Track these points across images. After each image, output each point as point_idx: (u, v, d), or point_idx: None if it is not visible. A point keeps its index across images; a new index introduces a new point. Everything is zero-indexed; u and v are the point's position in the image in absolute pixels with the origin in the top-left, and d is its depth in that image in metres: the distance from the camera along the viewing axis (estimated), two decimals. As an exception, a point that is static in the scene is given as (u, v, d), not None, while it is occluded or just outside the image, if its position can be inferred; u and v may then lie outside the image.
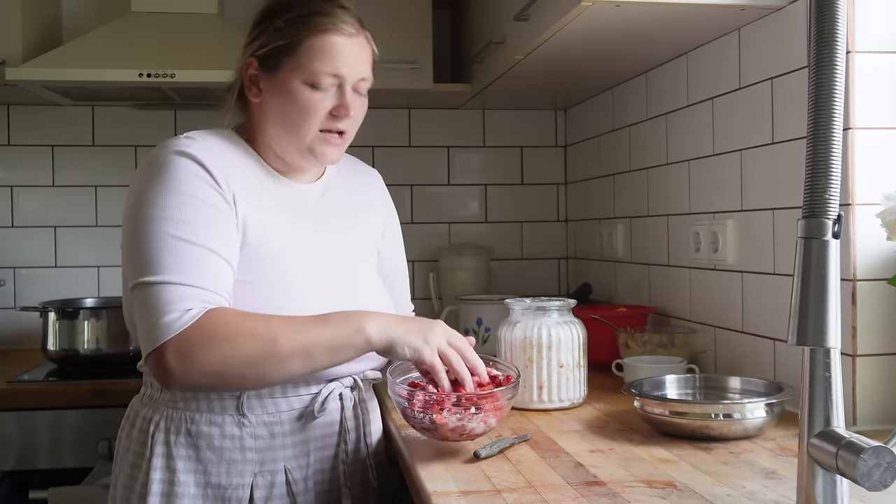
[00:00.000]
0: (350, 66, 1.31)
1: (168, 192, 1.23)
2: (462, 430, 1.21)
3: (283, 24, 1.30)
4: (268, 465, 1.30)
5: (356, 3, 1.36)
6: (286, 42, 1.30)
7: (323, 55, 1.29)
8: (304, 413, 1.33)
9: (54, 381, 2.10)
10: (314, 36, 1.29)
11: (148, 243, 1.20)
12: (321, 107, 1.31)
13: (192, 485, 1.28)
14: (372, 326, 1.22)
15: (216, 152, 1.30)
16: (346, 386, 1.38)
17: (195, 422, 1.29)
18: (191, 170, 1.25)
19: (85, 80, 2.19)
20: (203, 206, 1.24)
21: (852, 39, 1.36)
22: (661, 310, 2.07)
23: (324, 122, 1.32)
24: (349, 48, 1.31)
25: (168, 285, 1.18)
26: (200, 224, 1.22)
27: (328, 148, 1.34)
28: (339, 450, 1.36)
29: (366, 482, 1.39)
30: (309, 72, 1.29)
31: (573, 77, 2.24)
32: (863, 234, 1.36)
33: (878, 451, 0.80)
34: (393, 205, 1.62)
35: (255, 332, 1.18)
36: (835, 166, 0.85)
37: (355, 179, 1.53)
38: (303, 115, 1.31)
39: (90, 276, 2.64)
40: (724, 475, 1.12)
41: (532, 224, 2.88)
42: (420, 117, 2.79)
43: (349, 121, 1.34)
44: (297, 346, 1.18)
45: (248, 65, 1.34)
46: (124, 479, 1.33)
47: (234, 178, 1.29)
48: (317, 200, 1.43)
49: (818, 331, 0.85)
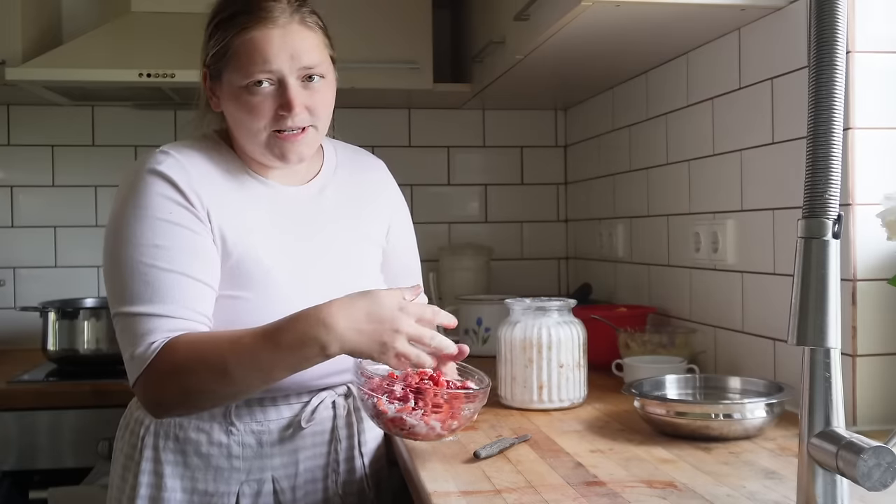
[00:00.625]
0: (283, 59, 1.23)
1: (140, 215, 1.22)
2: (401, 423, 1.17)
3: (214, 30, 1.27)
4: (255, 474, 1.29)
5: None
6: (217, 49, 1.26)
7: (250, 54, 1.22)
8: (292, 422, 1.31)
9: (54, 381, 2.11)
10: (238, 37, 1.23)
11: (120, 271, 1.21)
12: (263, 108, 1.24)
13: (178, 490, 1.27)
14: (324, 338, 1.12)
15: (191, 167, 1.26)
16: (339, 394, 1.35)
17: (183, 428, 1.28)
18: (162, 191, 1.23)
19: (85, 80, 2.19)
20: (176, 229, 1.22)
21: (852, 39, 1.36)
22: (661, 310, 2.07)
23: (274, 123, 1.25)
24: (279, 40, 1.22)
25: (137, 317, 1.19)
26: (173, 248, 1.21)
27: (288, 146, 1.26)
28: (330, 459, 1.34)
29: (361, 492, 1.37)
30: (242, 74, 1.23)
31: (573, 77, 2.24)
32: (863, 234, 1.36)
33: (878, 451, 0.80)
34: (400, 195, 1.54)
35: (206, 363, 1.16)
36: (835, 166, 0.85)
37: (356, 172, 1.47)
38: (250, 119, 1.25)
39: (90, 276, 2.64)
40: (724, 475, 1.12)
41: (532, 224, 2.88)
42: (420, 117, 2.79)
43: (304, 115, 1.26)
44: (248, 371, 1.15)
45: (204, 75, 1.32)
46: (117, 480, 1.33)
47: (210, 193, 1.26)
48: (310, 201, 1.38)
49: (818, 331, 0.85)
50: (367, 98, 2.53)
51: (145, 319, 1.18)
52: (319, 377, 1.29)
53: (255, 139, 1.28)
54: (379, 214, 1.47)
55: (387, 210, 1.49)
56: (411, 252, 1.54)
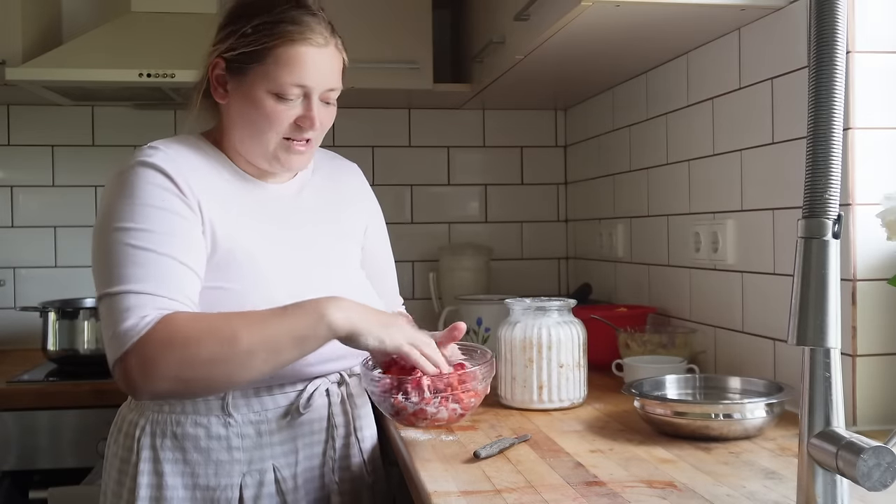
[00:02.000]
0: (317, 78, 1.29)
1: (130, 203, 1.22)
2: (424, 414, 1.20)
3: (252, 30, 1.28)
4: (256, 465, 1.30)
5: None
6: (253, 49, 1.28)
7: (290, 66, 1.27)
8: (289, 410, 1.32)
9: (54, 381, 2.10)
10: (282, 46, 1.27)
11: (109, 255, 1.20)
12: (286, 116, 1.29)
13: (180, 487, 1.27)
14: (334, 315, 1.17)
15: (181, 160, 1.28)
16: (332, 382, 1.37)
17: (181, 424, 1.28)
18: (153, 180, 1.24)
19: (85, 80, 2.19)
20: (166, 214, 1.22)
21: (852, 39, 1.36)
22: (661, 310, 2.07)
23: (288, 131, 1.31)
24: (317, 59, 1.29)
25: (126, 294, 1.16)
26: (163, 233, 1.21)
27: (293, 156, 1.33)
28: (328, 446, 1.35)
29: (359, 478, 1.38)
30: (275, 82, 1.27)
31: (573, 77, 2.24)
32: (863, 234, 1.36)
33: (878, 451, 0.80)
34: (374, 198, 1.59)
35: (213, 331, 1.15)
36: (835, 166, 0.85)
37: (332, 175, 1.51)
38: (267, 123, 1.29)
39: (90, 276, 2.62)
40: (724, 475, 1.12)
41: (532, 224, 2.88)
42: (420, 117, 2.79)
43: (318, 130, 1.33)
44: (258, 340, 1.15)
45: (216, 65, 1.32)
46: (113, 485, 1.32)
47: (200, 185, 1.27)
48: (291, 200, 1.41)
49: (818, 331, 0.85)
50: (367, 98, 2.53)
51: (137, 297, 1.16)
52: (313, 363, 1.30)
53: (260, 141, 1.31)
54: (358, 217, 1.51)
55: (364, 214, 1.54)
56: (387, 255, 1.60)
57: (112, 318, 1.17)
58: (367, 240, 1.52)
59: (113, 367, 1.18)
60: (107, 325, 1.18)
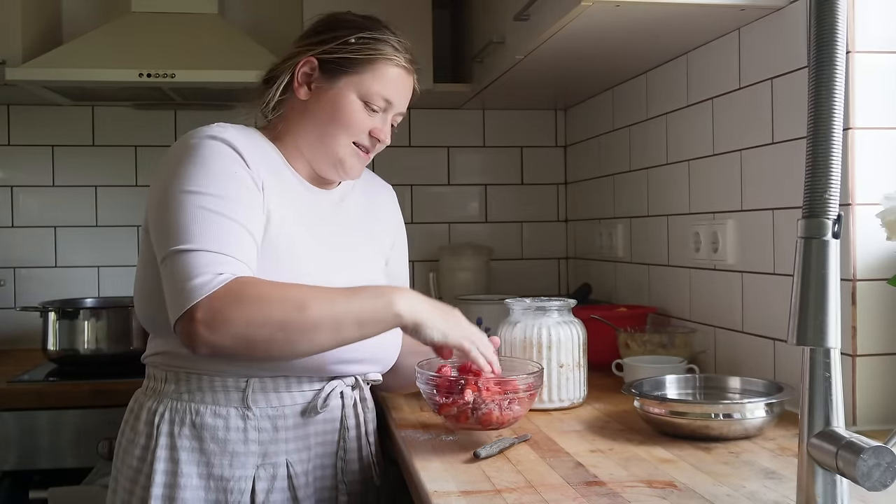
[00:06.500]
0: (401, 99, 1.42)
1: (201, 169, 1.25)
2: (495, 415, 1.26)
3: (356, 41, 1.38)
4: (270, 458, 1.32)
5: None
6: (355, 58, 1.37)
7: (385, 80, 1.38)
8: (307, 408, 1.35)
9: (54, 381, 2.11)
10: (382, 61, 1.38)
11: (180, 215, 1.22)
12: (363, 125, 1.39)
13: (194, 476, 1.29)
14: (402, 303, 1.23)
15: (247, 142, 1.33)
16: (347, 385, 1.40)
17: (200, 413, 1.30)
18: (223, 152, 1.28)
19: (85, 80, 2.19)
20: (235, 182, 1.27)
21: (852, 39, 1.36)
22: (661, 310, 2.07)
23: (360, 137, 1.40)
24: (406, 83, 1.42)
25: (200, 252, 1.18)
26: (232, 199, 1.24)
27: (356, 161, 1.42)
28: (339, 447, 1.38)
29: (367, 479, 1.41)
30: (368, 91, 1.38)
31: (573, 77, 2.24)
32: (863, 234, 1.36)
33: (878, 451, 0.80)
34: (402, 219, 1.65)
35: (285, 297, 1.19)
36: (835, 166, 0.85)
37: (369, 191, 1.58)
38: (345, 127, 1.38)
39: (90, 276, 2.64)
40: (724, 475, 1.12)
41: (532, 224, 2.88)
42: (420, 117, 2.79)
43: (380, 145, 1.43)
44: (325, 315, 1.19)
45: (306, 62, 1.38)
46: (128, 471, 1.33)
47: (263, 169, 1.33)
48: (333, 206, 1.47)
49: (818, 331, 0.85)
50: (367, 98, 2.53)
51: (210, 255, 1.18)
52: (332, 363, 1.34)
53: (332, 142, 1.39)
54: (388, 231, 1.58)
55: (393, 230, 1.60)
56: (404, 269, 1.65)
57: (184, 273, 1.18)
58: (391, 252, 1.58)
59: (177, 321, 1.18)
60: (177, 279, 1.18)
